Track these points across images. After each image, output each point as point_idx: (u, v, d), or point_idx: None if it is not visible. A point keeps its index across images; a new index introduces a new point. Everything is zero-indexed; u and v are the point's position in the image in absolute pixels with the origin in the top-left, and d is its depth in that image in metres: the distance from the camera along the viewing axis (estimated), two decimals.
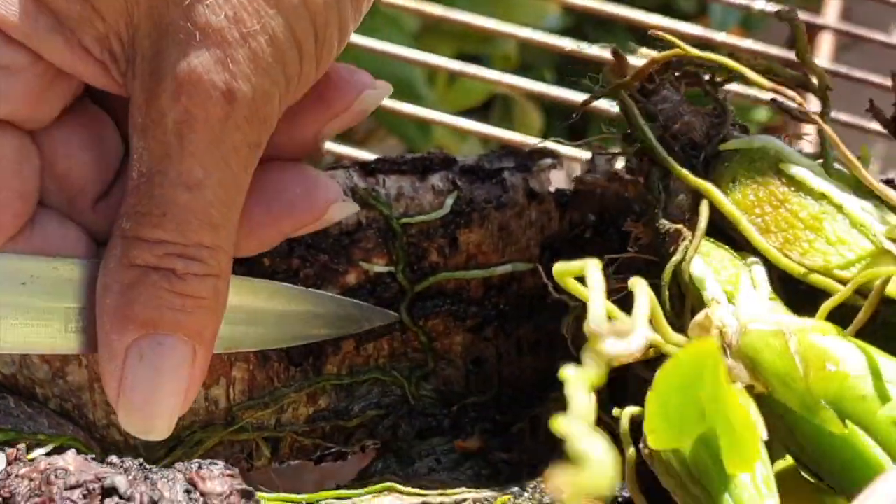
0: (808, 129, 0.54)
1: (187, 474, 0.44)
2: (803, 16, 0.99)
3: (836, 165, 0.52)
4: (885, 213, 0.49)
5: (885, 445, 0.42)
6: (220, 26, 0.46)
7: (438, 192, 0.59)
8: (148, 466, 0.45)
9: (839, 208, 0.50)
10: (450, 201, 0.59)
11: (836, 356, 0.44)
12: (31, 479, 0.44)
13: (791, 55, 0.97)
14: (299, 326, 0.55)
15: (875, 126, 0.90)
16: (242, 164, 0.48)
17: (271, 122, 0.49)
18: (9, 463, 0.45)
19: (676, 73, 0.55)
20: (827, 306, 0.46)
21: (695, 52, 0.53)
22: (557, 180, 0.62)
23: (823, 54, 0.99)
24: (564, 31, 1.08)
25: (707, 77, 0.55)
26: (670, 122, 0.55)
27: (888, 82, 0.94)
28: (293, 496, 0.52)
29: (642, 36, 0.57)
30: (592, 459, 0.32)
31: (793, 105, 0.52)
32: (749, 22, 1.39)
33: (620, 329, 0.35)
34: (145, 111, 0.47)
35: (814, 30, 1.01)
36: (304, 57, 0.49)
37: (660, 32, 0.54)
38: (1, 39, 0.47)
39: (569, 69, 0.59)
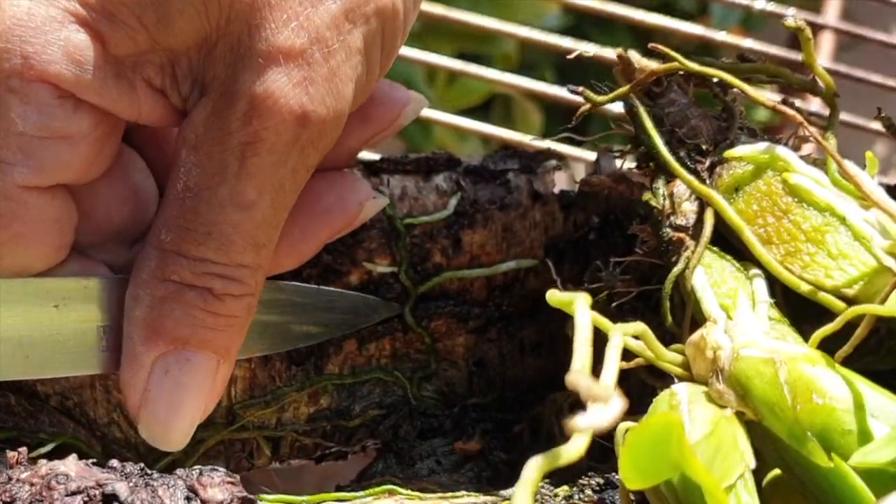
0: (813, 130, 0.54)
1: (188, 481, 0.44)
2: (803, 15, 0.99)
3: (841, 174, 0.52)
4: (888, 224, 0.49)
5: (867, 482, 0.42)
6: (302, 48, 0.46)
7: (442, 193, 0.59)
8: (149, 472, 0.45)
9: (842, 220, 0.50)
10: (454, 202, 0.59)
11: (823, 388, 0.44)
12: (31, 484, 0.44)
13: (793, 55, 0.97)
14: (309, 326, 0.55)
15: (875, 126, 0.90)
16: (296, 186, 0.48)
17: (333, 143, 0.49)
18: (10, 466, 0.45)
19: (684, 75, 0.55)
20: (819, 334, 0.47)
21: (693, 65, 0.53)
22: (561, 181, 0.62)
23: (824, 54, 0.99)
24: (564, 31, 1.08)
25: (715, 79, 0.55)
26: (677, 126, 0.54)
27: (889, 82, 0.94)
28: (294, 498, 0.52)
29: (643, 35, 0.56)
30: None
31: (795, 113, 0.52)
32: (749, 21, 1.39)
33: (596, 393, 0.35)
34: (204, 129, 0.46)
35: (814, 29, 1.01)
36: (371, 67, 0.49)
37: (659, 46, 0.54)
38: (71, 108, 0.46)
39: (569, 69, 0.59)
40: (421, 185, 0.59)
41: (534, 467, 0.35)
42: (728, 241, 0.52)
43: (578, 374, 0.36)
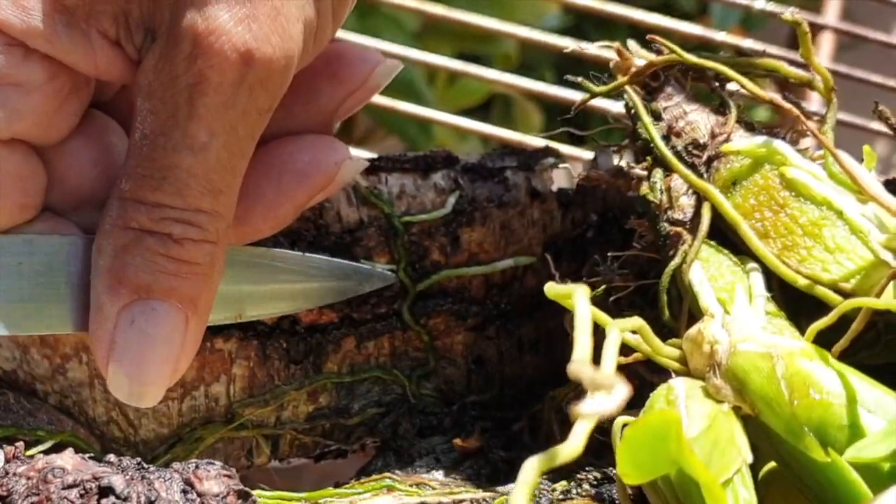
0: (811, 124, 0.54)
1: (184, 474, 0.44)
2: (803, 15, 0.99)
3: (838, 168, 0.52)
4: (885, 218, 0.49)
5: (864, 477, 0.42)
6: None
7: (440, 191, 0.59)
8: (145, 466, 0.45)
9: (839, 214, 0.50)
10: (452, 200, 0.59)
11: (820, 383, 0.44)
12: (28, 478, 0.44)
13: (792, 55, 0.97)
14: (300, 290, 0.55)
15: (875, 125, 0.90)
16: (249, 130, 0.48)
17: (284, 87, 0.48)
18: (7, 460, 0.45)
19: (681, 69, 0.55)
20: (815, 328, 0.47)
21: (691, 58, 0.53)
22: (559, 179, 0.62)
23: (824, 54, 0.99)
24: (564, 31, 1.09)
25: (713, 73, 0.55)
26: (674, 120, 0.54)
27: (889, 82, 0.94)
28: (292, 494, 0.52)
29: (643, 35, 0.57)
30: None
31: (792, 107, 0.52)
32: (749, 21, 1.39)
33: (599, 381, 0.35)
34: (154, 75, 0.46)
35: (814, 29, 1.01)
36: (322, 11, 0.48)
37: (657, 38, 0.54)
38: (21, 55, 0.46)
39: (569, 69, 0.59)
40: (419, 183, 0.59)
41: (531, 467, 0.35)
42: (725, 236, 0.52)
43: (580, 363, 0.36)
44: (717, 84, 0.55)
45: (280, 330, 0.57)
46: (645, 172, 0.54)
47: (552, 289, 0.43)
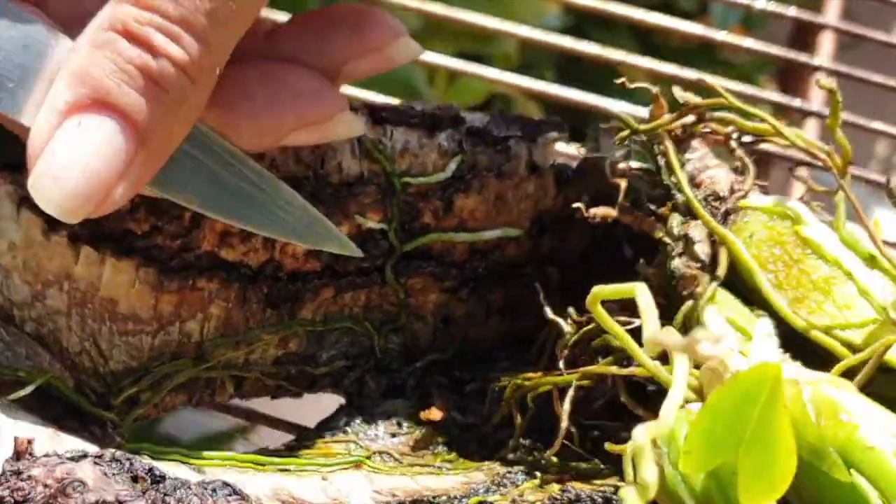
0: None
1: (203, 499, 0.42)
2: (803, 15, 0.99)
3: (850, 229, 0.54)
4: (890, 286, 0.52)
5: (888, 496, 0.43)
6: None
7: (443, 153, 0.59)
8: (158, 474, 0.43)
9: (848, 275, 0.52)
10: (453, 165, 0.59)
11: (848, 408, 0.45)
12: (45, 486, 0.42)
13: (791, 55, 0.97)
14: (259, 211, 0.52)
15: (876, 125, 0.90)
16: None
17: None
18: (17, 455, 0.43)
19: (706, 130, 0.57)
20: (837, 370, 0.48)
21: (737, 103, 0.55)
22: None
23: (824, 53, 0.99)
24: (564, 30, 1.08)
25: (734, 135, 0.57)
26: (697, 172, 0.57)
27: (889, 82, 0.94)
28: (264, 458, 0.52)
29: (643, 35, 0.57)
30: None
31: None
32: (750, 21, 1.39)
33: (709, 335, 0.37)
34: None
35: (814, 29, 1.01)
36: None
37: (706, 79, 0.55)
38: None
39: (569, 68, 0.60)
40: (423, 141, 0.59)
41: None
42: (734, 288, 0.53)
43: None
44: (737, 145, 0.57)
45: (264, 275, 0.57)
46: (660, 220, 0.56)
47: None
